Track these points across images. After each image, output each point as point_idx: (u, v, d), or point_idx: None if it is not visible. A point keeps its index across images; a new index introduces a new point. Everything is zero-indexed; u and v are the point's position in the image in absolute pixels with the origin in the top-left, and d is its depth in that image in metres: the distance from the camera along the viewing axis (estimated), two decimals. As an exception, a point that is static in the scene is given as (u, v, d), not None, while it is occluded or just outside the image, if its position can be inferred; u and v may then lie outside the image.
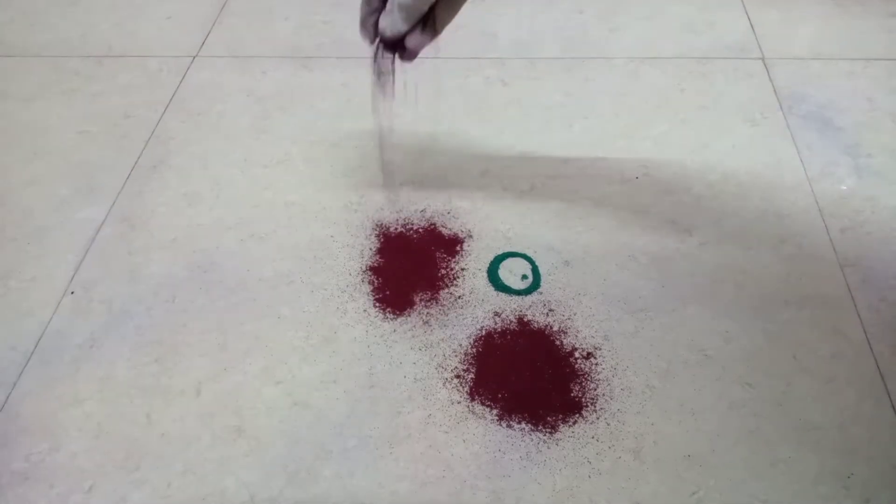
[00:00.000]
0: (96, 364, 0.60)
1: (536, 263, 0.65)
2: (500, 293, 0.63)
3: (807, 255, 0.64)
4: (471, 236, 0.67)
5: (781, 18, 0.91)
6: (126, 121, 0.81)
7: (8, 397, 0.58)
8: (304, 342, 0.60)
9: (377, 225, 0.69)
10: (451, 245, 0.66)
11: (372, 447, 0.54)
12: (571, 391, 0.56)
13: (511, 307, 0.62)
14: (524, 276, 0.64)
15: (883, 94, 0.80)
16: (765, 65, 0.84)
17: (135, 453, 0.54)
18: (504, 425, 0.55)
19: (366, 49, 0.91)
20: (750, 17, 0.91)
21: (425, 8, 0.38)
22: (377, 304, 0.62)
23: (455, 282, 0.64)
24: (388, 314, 0.62)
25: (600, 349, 0.59)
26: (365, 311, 0.62)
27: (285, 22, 0.94)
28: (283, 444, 0.54)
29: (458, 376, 0.57)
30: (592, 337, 0.59)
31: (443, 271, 0.64)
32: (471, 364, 0.58)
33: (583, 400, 0.56)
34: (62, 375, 0.59)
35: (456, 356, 0.59)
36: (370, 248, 0.67)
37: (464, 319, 0.61)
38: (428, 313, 0.62)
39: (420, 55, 0.50)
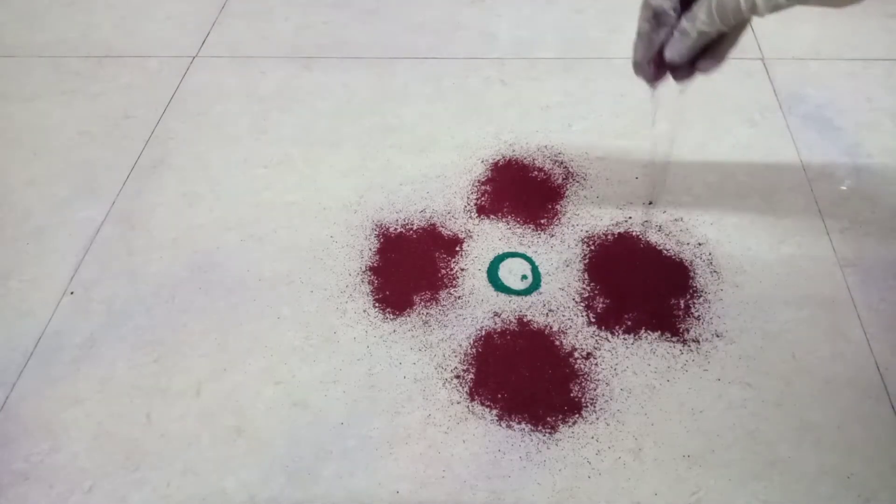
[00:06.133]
0: (96, 364, 0.60)
1: (536, 263, 0.65)
2: (500, 293, 0.63)
3: (806, 255, 0.64)
4: (471, 236, 0.67)
5: (781, 18, 0.89)
6: (126, 121, 0.81)
7: (8, 397, 0.58)
8: (304, 342, 0.60)
9: (377, 225, 0.69)
10: (451, 245, 0.66)
11: (372, 447, 0.54)
12: (571, 391, 0.56)
13: (511, 307, 0.62)
14: (524, 277, 0.64)
15: (882, 94, 0.80)
16: (764, 65, 0.84)
17: (135, 453, 0.54)
18: (504, 425, 0.55)
19: (367, 49, 0.91)
20: (750, 17, 0.90)
21: (715, 35, 0.43)
22: (377, 305, 0.62)
23: (455, 282, 0.64)
24: (387, 314, 0.62)
25: (600, 349, 0.59)
26: (365, 311, 0.62)
27: (285, 22, 0.94)
28: (283, 444, 0.54)
29: (457, 376, 0.57)
30: (592, 337, 0.59)
31: (443, 271, 0.64)
32: (470, 364, 0.58)
33: (582, 400, 0.56)
34: (62, 375, 0.59)
35: (456, 356, 0.59)
36: (370, 249, 0.67)
37: (463, 320, 0.61)
38: (428, 313, 0.62)
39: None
